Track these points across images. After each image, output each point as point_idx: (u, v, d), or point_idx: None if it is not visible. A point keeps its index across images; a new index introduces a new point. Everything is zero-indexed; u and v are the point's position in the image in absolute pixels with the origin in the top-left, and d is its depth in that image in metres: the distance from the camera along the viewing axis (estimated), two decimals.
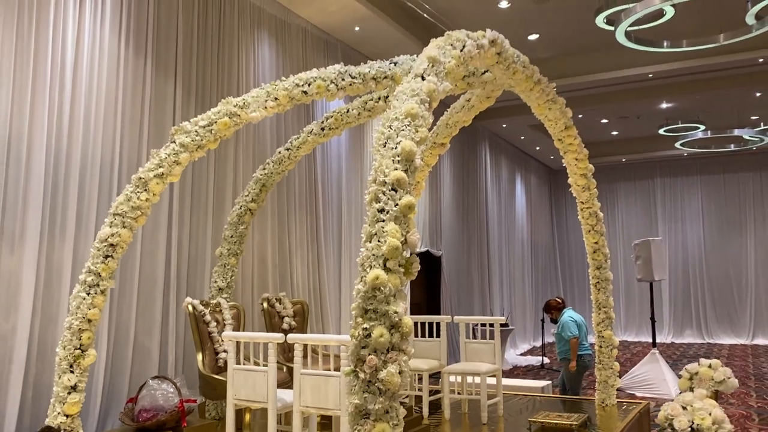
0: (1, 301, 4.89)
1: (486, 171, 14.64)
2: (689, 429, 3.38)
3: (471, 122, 6.24)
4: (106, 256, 4.14)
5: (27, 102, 5.11)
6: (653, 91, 12.17)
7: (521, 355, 14.60)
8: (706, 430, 3.37)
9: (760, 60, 10.29)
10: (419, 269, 2.87)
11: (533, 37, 10.48)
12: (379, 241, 2.75)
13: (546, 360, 13.03)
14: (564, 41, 10.64)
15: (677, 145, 15.25)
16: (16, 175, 5.03)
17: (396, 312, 2.69)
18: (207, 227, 6.59)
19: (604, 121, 15.64)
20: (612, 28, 8.22)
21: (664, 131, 14.25)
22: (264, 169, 6.03)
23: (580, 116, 14.49)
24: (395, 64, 4.69)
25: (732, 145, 15.41)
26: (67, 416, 3.99)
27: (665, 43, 8.46)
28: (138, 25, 6.06)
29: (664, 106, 13.25)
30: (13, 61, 5.02)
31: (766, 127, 14.01)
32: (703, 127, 14.11)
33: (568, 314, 7.65)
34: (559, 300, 8.06)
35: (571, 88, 11.76)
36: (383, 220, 2.78)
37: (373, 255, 2.74)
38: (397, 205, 2.80)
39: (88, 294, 4.09)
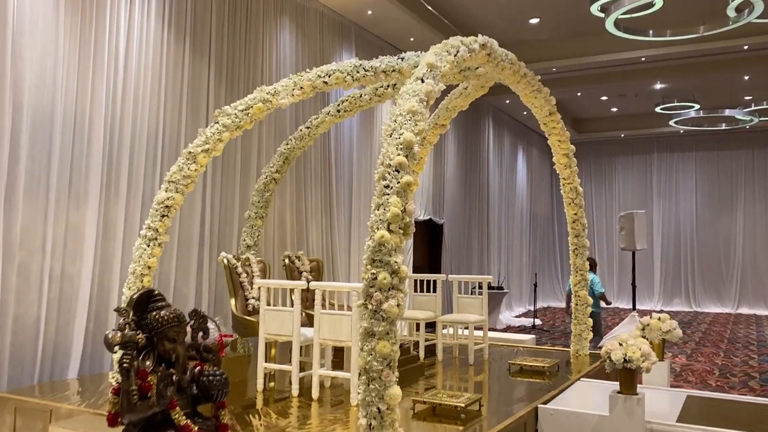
0: (69, 249, 5.89)
1: (489, 144, 15.48)
2: (622, 360, 4.33)
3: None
4: (163, 216, 5.08)
5: (89, 84, 6.03)
6: (647, 73, 12.91)
7: (516, 317, 15.61)
8: (635, 360, 4.31)
9: (745, 47, 11.01)
10: (420, 235, 3.80)
11: (534, 21, 11.22)
12: (384, 209, 3.67)
13: (538, 321, 14.04)
14: (563, 25, 11.38)
15: (671, 123, 16.00)
16: (80, 146, 5.98)
17: (396, 262, 3.63)
18: (235, 193, 7.54)
19: (604, 98, 16.39)
20: (604, 16, 8.98)
21: (660, 109, 15.00)
22: (287, 144, 6.94)
23: (578, 94, 15.31)
24: (402, 59, 5.52)
25: (723, 124, 16.14)
26: None
27: (650, 32, 9.20)
28: (178, 13, 6.92)
29: (658, 86, 13.98)
30: (78, 50, 5.93)
31: (756, 108, 14.73)
32: (697, 107, 14.84)
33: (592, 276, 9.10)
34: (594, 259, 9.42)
35: (570, 68, 12.56)
36: (388, 194, 3.69)
37: (380, 220, 3.67)
38: (398, 182, 3.72)
39: (148, 246, 5.04)
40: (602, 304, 9.63)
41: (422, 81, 4.20)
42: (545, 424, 4.79)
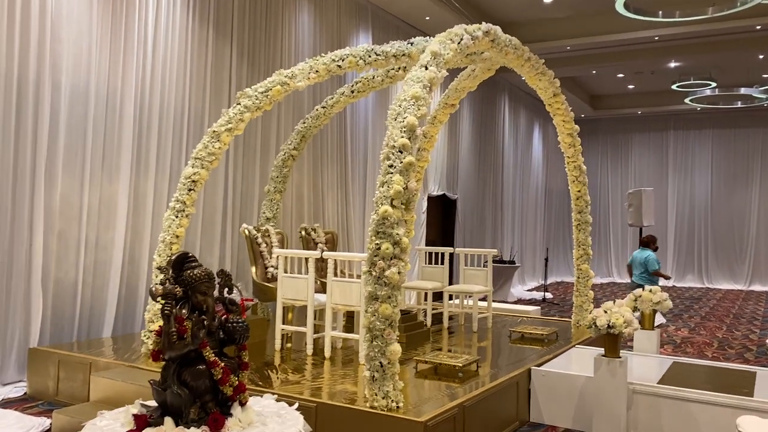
0: (103, 219, 6.40)
1: (504, 120, 15.73)
2: (606, 326, 4.72)
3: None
4: (190, 189, 5.54)
5: (120, 65, 6.47)
6: (661, 51, 13.02)
7: (528, 290, 16.00)
8: (619, 326, 4.69)
9: (758, 27, 11.11)
10: (434, 210, 4.21)
11: (548, 0, 11.40)
12: (388, 187, 4.08)
13: (549, 295, 14.43)
14: (577, 4, 11.53)
15: (687, 100, 16.09)
16: (112, 123, 6.46)
17: (398, 234, 4.05)
18: (255, 168, 7.99)
19: (620, 75, 16.47)
20: None
21: (677, 86, 15.10)
22: (304, 123, 7.36)
23: (594, 72, 15.44)
24: (411, 44, 5.87)
25: (739, 102, 16.19)
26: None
27: (660, 13, 9.39)
28: None
29: (673, 65, 14.07)
30: (110, 33, 6.38)
31: None
32: (713, 84, 14.91)
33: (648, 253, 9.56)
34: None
35: (584, 47, 12.71)
36: (392, 173, 4.10)
37: (384, 196, 4.08)
38: (401, 162, 4.12)
39: (177, 217, 5.51)
40: (662, 281, 9.82)
41: (426, 68, 4.57)
42: (537, 384, 5.23)
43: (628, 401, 4.79)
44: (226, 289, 2.46)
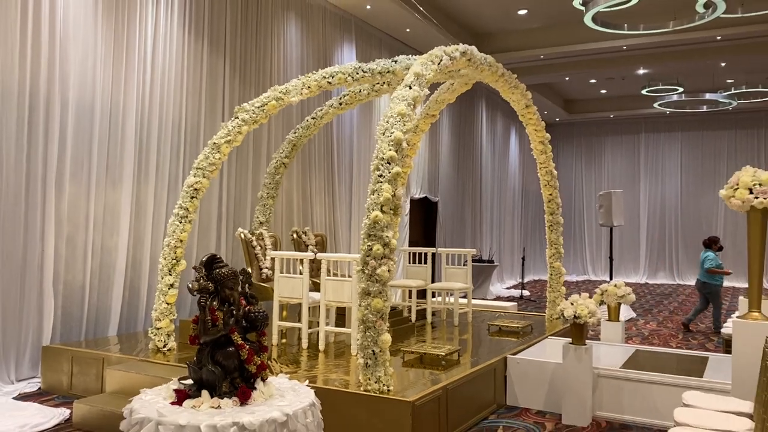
0: (107, 225, 6.84)
1: (482, 126, 16.33)
2: (573, 315, 5.27)
3: None
4: (192, 197, 6.00)
5: (122, 82, 6.92)
6: (629, 60, 13.71)
7: (506, 288, 16.61)
8: (584, 316, 5.25)
9: (718, 38, 11.82)
10: (416, 212, 4.72)
11: (522, 12, 12.01)
12: (378, 194, 4.59)
13: (526, 292, 15.04)
14: (549, 16, 12.15)
15: (655, 105, 16.84)
16: (115, 135, 6.89)
17: (387, 236, 4.56)
18: (248, 176, 8.46)
19: (593, 81, 17.17)
20: (584, 9, 9.78)
21: (647, 92, 15.82)
22: (295, 132, 7.85)
23: (566, 78, 16.10)
24: (395, 62, 6.39)
25: (705, 107, 16.97)
26: (168, 304, 5.94)
27: (625, 26, 10.03)
28: (197, 16, 7.77)
29: (642, 71, 14.78)
30: (112, 52, 6.81)
31: (735, 92, 15.55)
32: (680, 90, 15.65)
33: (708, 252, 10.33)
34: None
35: (557, 56, 13.35)
36: (381, 182, 4.62)
37: (374, 203, 4.59)
38: (390, 173, 4.63)
39: (180, 222, 5.96)
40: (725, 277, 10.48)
41: (410, 88, 5.10)
42: (512, 371, 5.77)
43: (594, 384, 5.35)
44: (247, 285, 2.95)
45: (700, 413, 3.71)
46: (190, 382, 2.84)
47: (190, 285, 2.81)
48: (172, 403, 2.72)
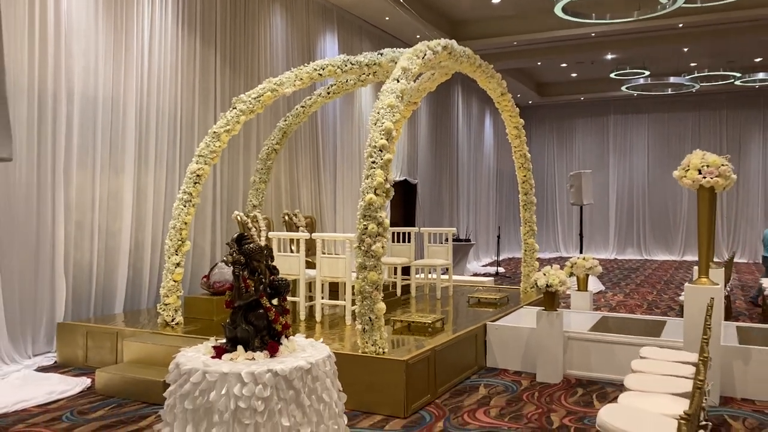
0: (111, 210, 7.27)
1: (458, 110, 16.91)
2: (546, 285, 5.89)
3: None
4: (195, 183, 6.47)
5: (122, 75, 7.32)
6: (598, 45, 14.35)
7: (483, 266, 17.31)
8: (555, 285, 5.87)
9: (680, 25, 12.49)
10: (396, 194, 5.26)
11: (496, 0, 12.54)
12: (371, 179, 5.13)
13: (501, 269, 15.74)
14: (521, 5, 12.70)
15: (623, 88, 17.55)
16: (116, 125, 7.31)
17: (381, 216, 5.11)
18: (239, 161, 8.92)
19: (564, 65, 17.81)
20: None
21: (615, 75, 16.52)
22: (285, 120, 8.32)
23: (539, 63, 16.70)
24: (381, 54, 6.89)
25: (670, 89, 17.75)
26: (174, 281, 6.42)
27: (593, 16, 10.63)
28: (189, 11, 8.16)
29: (610, 56, 15.44)
30: (113, 46, 7.20)
31: (698, 75, 16.33)
32: (647, 73, 16.38)
33: None
34: None
35: (530, 42, 13.94)
36: (374, 167, 5.15)
37: (369, 186, 5.13)
38: (382, 159, 5.17)
39: (185, 206, 6.44)
40: None
41: (398, 81, 5.62)
42: (492, 336, 6.39)
43: (564, 346, 5.99)
44: (270, 258, 3.47)
45: (653, 363, 4.35)
46: (223, 340, 3.36)
47: (225, 258, 3.31)
48: (212, 357, 3.24)
